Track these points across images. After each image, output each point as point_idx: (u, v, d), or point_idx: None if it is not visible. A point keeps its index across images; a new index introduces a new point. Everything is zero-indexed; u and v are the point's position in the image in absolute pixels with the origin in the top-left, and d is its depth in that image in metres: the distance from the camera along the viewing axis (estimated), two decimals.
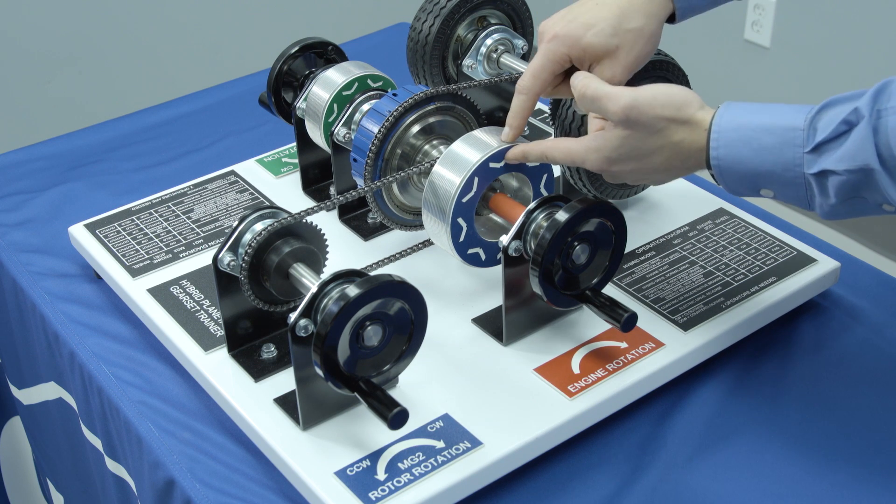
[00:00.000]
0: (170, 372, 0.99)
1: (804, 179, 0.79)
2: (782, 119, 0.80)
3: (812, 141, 0.78)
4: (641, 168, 0.86)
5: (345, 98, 1.08)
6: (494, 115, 1.24)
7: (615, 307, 0.89)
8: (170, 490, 0.89)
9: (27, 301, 1.11)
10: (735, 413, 0.93)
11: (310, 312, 0.83)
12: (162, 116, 1.42)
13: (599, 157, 0.87)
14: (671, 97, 0.84)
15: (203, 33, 2.65)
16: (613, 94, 0.84)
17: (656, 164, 0.86)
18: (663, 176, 0.88)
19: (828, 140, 0.77)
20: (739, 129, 0.81)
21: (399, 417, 0.80)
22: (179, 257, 1.08)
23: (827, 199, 0.79)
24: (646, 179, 0.89)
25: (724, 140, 0.82)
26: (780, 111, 0.80)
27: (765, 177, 0.81)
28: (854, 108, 0.77)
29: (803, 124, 0.79)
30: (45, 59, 2.47)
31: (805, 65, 2.44)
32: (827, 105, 0.79)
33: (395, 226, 1.04)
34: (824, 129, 0.78)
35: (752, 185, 0.83)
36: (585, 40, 0.90)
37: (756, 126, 0.80)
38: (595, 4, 0.91)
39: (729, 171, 0.82)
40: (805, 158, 0.79)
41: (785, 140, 0.79)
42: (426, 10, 1.16)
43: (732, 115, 0.82)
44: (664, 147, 0.84)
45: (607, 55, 0.90)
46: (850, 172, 0.77)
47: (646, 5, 0.91)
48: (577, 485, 0.87)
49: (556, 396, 0.90)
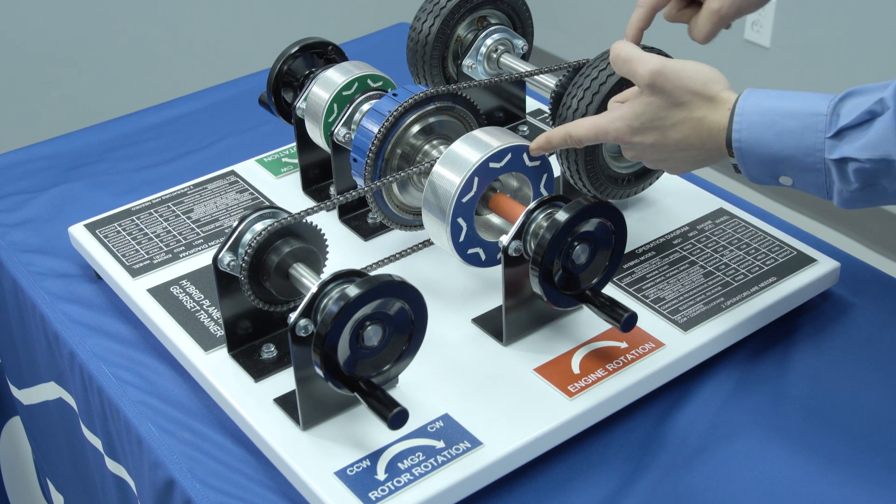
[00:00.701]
0: (170, 372, 0.99)
1: (824, 165, 0.80)
2: (805, 105, 0.80)
3: (834, 126, 0.79)
4: (661, 142, 0.87)
5: (345, 98, 1.08)
6: (494, 115, 1.24)
7: (615, 307, 0.89)
8: (170, 490, 0.89)
9: (27, 301, 1.11)
10: (735, 413, 0.93)
11: (310, 312, 0.83)
12: (162, 116, 1.42)
13: (623, 125, 0.88)
14: (699, 72, 0.85)
15: (203, 33, 2.66)
16: (644, 58, 0.87)
17: (676, 139, 0.86)
18: (681, 156, 0.88)
19: (850, 127, 0.78)
20: (763, 113, 0.82)
21: (399, 417, 0.80)
22: (179, 257, 1.08)
23: (848, 186, 0.80)
24: (665, 160, 0.89)
25: (746, 122, 0.82)
26: (803, 97, 0.81)
27: (785, 162, 0.81)
28: (879, 98, 0.77)
29: (826, 110, 0.79)
30: (45, 59, 2.48)
31: (805, 65, 2.44)
32: (851, 94, 0.79)
33: (395, 226, 1.04)
34: (847, 116, 0.78)
35: (771, 171, 0.83)
36: None
37: (780, 110, 0.81)
38: None
39: (750, 154, 0.83)
40: (826, 144, 0.79)
41: (807, 125, 0.80)
42: (426, 10, 1.16)
43: (756, 100, 0.83)
44: (686, 121, 0.85)
45: None
46: (872, 162, 0.77)
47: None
48: (577, 485, 0.87)
49: (556, 396, 0.90)
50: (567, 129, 0.92)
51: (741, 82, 2.59)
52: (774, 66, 2.50)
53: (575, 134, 0.91)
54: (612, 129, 0.89)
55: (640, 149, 0.89)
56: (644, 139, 0.88)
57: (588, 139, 0.91)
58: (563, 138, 0.92)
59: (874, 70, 2.32)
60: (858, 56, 2.34)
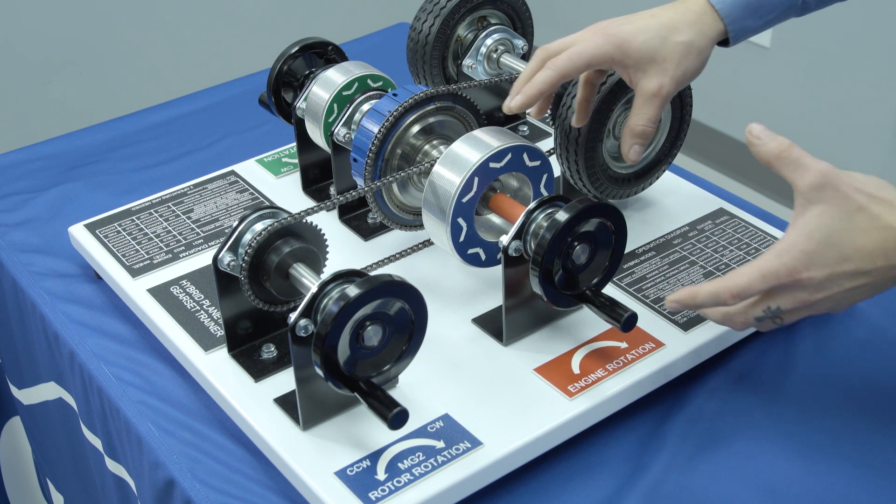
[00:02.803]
0: (170, 372, 0.99)
1: None
2: None
3: None
4: (841, 266, 0.75)
5: (345, 98, 1.08)
6: (494, 115, 1.24)
7: (615, 307, 0.89)
8: (170, 490, 0.89)
9: (27, 301, 1.11)
10: (735, 413, 0.93)
11: (310, 312, 0.83)
12: (162, 116, 1.42)
13: (787, 261, 0.75)
14: (868, 178, 0.76)
15: (203, 33, 2.66)
16: (806, 162, 0.77)
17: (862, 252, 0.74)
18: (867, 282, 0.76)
19: None
20: None
21: (399, 417, 0.80)
22: (179, 257, 1.08)
23: None
24: (852, 294, 0.77)
25: None
26: None
27: None
28: None
29: None
30: (45, 60, 2.48)
31: (805, 65, 2.44)
32: None
33: (395, 226, 1.04)
34: None
35: None
36: (634, 44, 0.89)
37: None
38: (646, 15, 0.91)
39: None
40: None
41: None
42: (426, 10, 1.16)
43: None
44: (870, 230, 0.74)
45: (653, 63, 0.89)
46: None
47: (697, 22, 0.90)
48: (577, 485, 0.87)
49: (556, 396, 0.90)
50: (723, 287, 0.79)
51: (741, 82, 2.59)
52: (774, 66, 2.50)
53: (736, 287, 0.78)
54: (781, 267, 0.76)
55: (819, 286, 0.74)
56: (817, 273, 0.74)
57: (754, 288, 0.78)
58: (716, 297, 0.80)
59: (874, 70, 2.32)
60: (858, 56, 2.34)
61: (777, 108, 2.54)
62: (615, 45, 0.90)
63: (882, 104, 2.34)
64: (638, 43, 0.89)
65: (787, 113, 2.52)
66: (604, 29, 0.91)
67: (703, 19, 0.90)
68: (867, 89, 2.36)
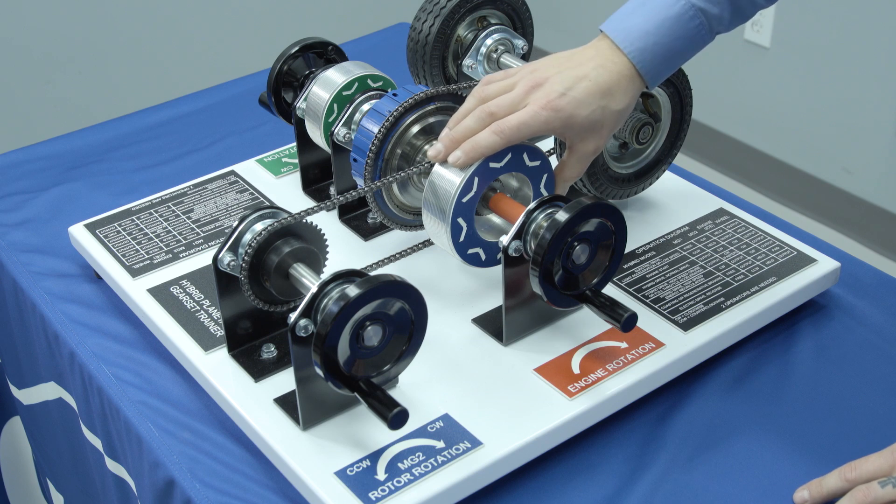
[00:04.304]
0: (170, 372, 0.99)
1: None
2: None
3: None
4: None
5: (345, 98, 1.08)
6: None
7: (615, 307, 0.89)
8: (170, 490, 0.89)
9: (27, 301, 1.11)
10: (735, 413, 0.93)
11: (310, 312, 0.83)
12: (162, 116, 1.42)
13: None
14: None
15: (203, 33, 2.66)
16: None
17: None
18: None
19: None
20: None
21: (399, 417, 0.80)
22: (179, 257, 1.08)
23: None
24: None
25: None
26: None
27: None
28: None
29: None
30: (45, 60, 2.48)
31: (805, 65, 2.44)
32: None
33: (395, 226, 1.04)
34: None
35: None
36: (579, 119, 0.92)
37: None
38: (586, 79, 0.93)
39: None
40: None
41: None
42: (426, 10, 1.16)
43: None
44: None
45: (593, 131, 0.94)
46: None
47: (629, 88, 0.94)
48: (577, 485, 0.87)
49: (556, 396, 0.90)
50: None
51: (741, 82, 2.59)
52: (774, 66, 2.50)
53: None
54: None
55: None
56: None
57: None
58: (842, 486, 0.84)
59: (874, 70, 2.32)
60: (858, 56, 2.34)
61: (777, 108, 2.54)
62: (562, 122, 0.92)
63: (882, 104, 2.34)
64: (581, 118, 0.92)
65: (787, 113, 2.52)
66: (549, 103, 0.92)
67: (633, 84, 0.94)
68: (867, 89, 2.36)
